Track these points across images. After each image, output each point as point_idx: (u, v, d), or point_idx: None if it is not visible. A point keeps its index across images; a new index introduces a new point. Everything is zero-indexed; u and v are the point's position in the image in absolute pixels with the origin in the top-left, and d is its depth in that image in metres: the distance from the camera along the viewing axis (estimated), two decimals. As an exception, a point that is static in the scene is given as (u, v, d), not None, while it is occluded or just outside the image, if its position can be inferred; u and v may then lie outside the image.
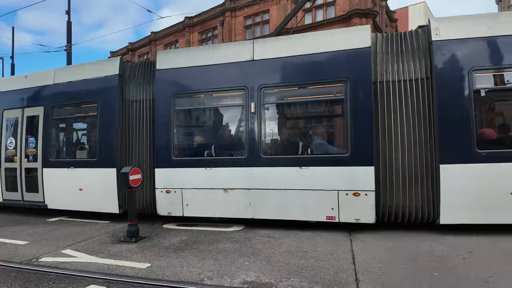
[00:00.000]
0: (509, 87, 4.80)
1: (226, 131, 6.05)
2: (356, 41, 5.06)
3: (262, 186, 5.30)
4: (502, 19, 4.89)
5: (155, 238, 5.02)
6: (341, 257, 3.94)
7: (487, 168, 4.55)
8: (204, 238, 4.92)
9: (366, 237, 4.71)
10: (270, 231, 5.14)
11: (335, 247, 4.31)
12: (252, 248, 4.36)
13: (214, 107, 6.18)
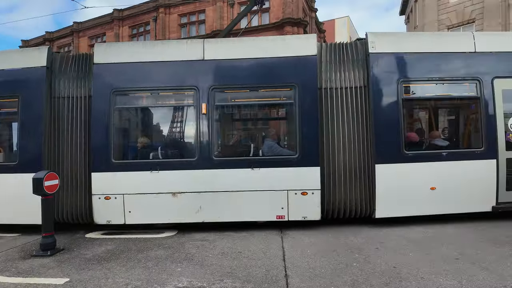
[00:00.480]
0: (429, 96, 5.78)
1: (175, 132, 5.80)
2: (304, 48, 5.37)
3: (213, 189, 5.23)
4: (424, 38, 5.77)
5: (76, 250, 4.57)
6: (273, 254, 4.12)
7: (412, 167, 5.27)
8: (133, 246, 4.64)
9: (296, 234, 4.99)
10: (205, 234, 5.10)
11: (267, 246, 4.47)
12: (185, 253, 4.27)
13: (161, 107, 5.85)
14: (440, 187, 5.27)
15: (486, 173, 5.35)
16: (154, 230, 5.45)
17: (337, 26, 35.43)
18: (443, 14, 18.11)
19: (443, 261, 3.73)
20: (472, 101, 5.62)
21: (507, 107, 5.46)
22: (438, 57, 5.42)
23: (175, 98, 5.78)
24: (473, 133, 5.73)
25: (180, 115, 5.74)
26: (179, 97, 5.72)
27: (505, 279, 3.22)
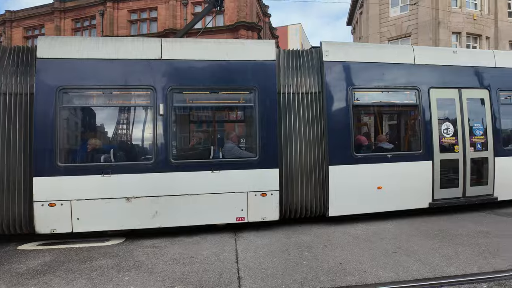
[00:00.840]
0: (375, 103, 6.22)
1: (129, 133, 5.47)
2: (264, 53, 5.47)
3: (171, 193, 5.04)
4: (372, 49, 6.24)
5: (6, 264, 4.10)
6: (226, 257, 4.11)
7: (361, 168, 5.65)
8: (75, 257, 4.30)
9: (249, 236, 5.04)
10: (155, 241, 4.91)
11: (220, 249, 4.45)
12: (133, 261, 4.08)
13: (115, 106, 5.43)
14: (386, 187, 5.72)
15: (424, 173, 5.94)
16: (99, 238, 5.10)
17: (290, 33, 36.62)
18: (384, 27, 19.70)
19: (383, 255, 4.05)
20: (412, 108, 6.20)
21: (441, 114, 6.14)
22: (383, 67, 5.92)
23: (130, 98, 5.48)
24: (413, 137, 6.32)
25: (135, 116, 5.47)
26: (134, 97, 5.44)
27: (435, 268, 3.59)
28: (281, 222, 5.54)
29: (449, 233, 4.95)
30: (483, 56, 6.62)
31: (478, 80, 6.38)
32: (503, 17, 19.38)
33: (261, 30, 21.39)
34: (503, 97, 6.52)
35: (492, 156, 6.26)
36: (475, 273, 3.44)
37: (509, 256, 3.89)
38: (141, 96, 5.36)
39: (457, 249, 4.21)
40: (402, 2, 19.24)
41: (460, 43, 18.40)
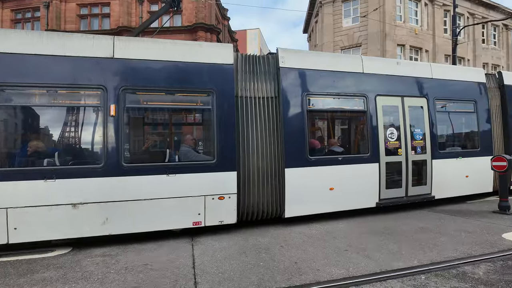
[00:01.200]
0: (328, 108, 6.52)
1: (77, 135, 5.05)
2: (222, 56, 5.45)
3: (123, 198, 4.77)
4: (325, 57, 6.50)
5: None
6: (182, 263, 4.02)
7: (315, 171, 5.88)
8: (13, 270, 3.91)
9: (207, 240, 4.99)
10: (106, 249, 4.64)
11: (176, 255, 4.34)
12: (81, 272, 3.82)
13: (60, 106, 4.99)
14: (337, 188, 6.03)
15: (372, 175, 6.37)
16: (41, 249, 4.69)
17: (249, 37, 37.01)
18: (337, 36, 20.79)
19: (335, 253, 4.26)
20: (361, 114, 6.61)
21: (386, 120, 6.64)
22: (335, 75, 6.25)
23: (78, 97, 5.11)
24: (362, 141, 6.73)
25: (84, 117, 5.11)
26: (83, 97, 5.09)
27: (381, 264, 3.86)
28: (239, 225, 5.57)
29: (394, 230, 5.35)
30: (422, 68, 7.31)
31: (418, 89, 7.02)
32: (439, 33, 21.52)
33: (220, 33, 21.34)
34: (439, 105, 7.24)
35: (430, 159, 6.91)
36: (416, 266, 3.76)
37: (443, 249, 4.32)
38: (91, 96, 5.05)
39: (401, 244, 4.57)
40: (354, 13, 20.48)
41: (404, 55, 20.06)
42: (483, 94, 7.81)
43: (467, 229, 5.26)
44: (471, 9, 23.48)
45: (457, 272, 3.54)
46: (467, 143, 7.75)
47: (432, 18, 21.40)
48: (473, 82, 7.75)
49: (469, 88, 7.66)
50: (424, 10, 21.24)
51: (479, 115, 7.66)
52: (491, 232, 5.04)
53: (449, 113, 7.49)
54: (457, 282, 3.29)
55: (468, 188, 7.53)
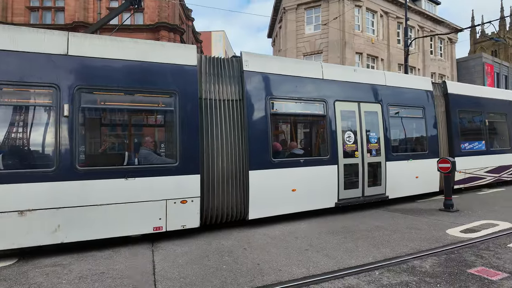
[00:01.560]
0: (291, 112, 6.68)
1: (26, 137, 4.63)
2: (185, 57, 5.36)
3: (77, 203, 4.48)
4: (288, 63, 6.64)
5: None
6: (142, 270, 3.89)
7: (278, 173, 6.00)
8: None
9: (168, 245, 4.86)
10: (58, 259, 4.34)
11: (135, 262, 4.18)
12: (28, 284, 3.53)
13: (6, 105, 4.54)
14: (299, 189, 6.20)
15: (331, 176, 6.63)
16: (-19, 261, 4.27)
17: (214, 39, 36.76)
18: (300, 42, 21.40)
19: (297, 253, 4.37)
20: (321, 118, 6.86)
21: (344, 124, 6.96)
22: (297, 80, 6.45)
23: (28, 96, 4.71)
24: (322, 144, 6.98)
25: (34, 117, 4.72)
26: (33, 95, 4.70)
27: (339, 261, 4.04)
28: (203, 229, 5.51)
29: (351, 229, 5.62)
30: (377, 75, 7.78)
31: (373, 96, 7.46)
32: (393, 43, 23.03)
33: (183, 33, 20.98)
34: (392, 111, 7.75)
35: (384, 161, 7.36)
36: (371, 262, 3.98)
37: (396, 246, 4.62)
38: (42, 95, 4.71)
39: (358, 242, 4.81)
40: (316, 21, 21.23)
41: (362, 63, 21.16)
42: (430, 101, 8.50)
43: (416, 226, 5.66)
44: (420, 23, 25.45)
45: (407, 267, 3.80)
46: (417, 146, 8.37)
47: (387, 29, 22.86)
48: (421, 90, 8.41)
49: (418, 96, 8.30)
50: (380, 21, 22.63)
51: (427, 120, 8.32)
52: (437, 229, 5.49)
53: (401, 118, 8.05)
54: (407, 276, 3.54)
55: (418, 188, 8.13)
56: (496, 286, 3.22)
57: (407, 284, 3.32)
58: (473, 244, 4.57)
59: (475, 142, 9.60)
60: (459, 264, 3.82)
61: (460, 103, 9.27)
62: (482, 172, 9.67)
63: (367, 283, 3.37)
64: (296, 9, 21.46)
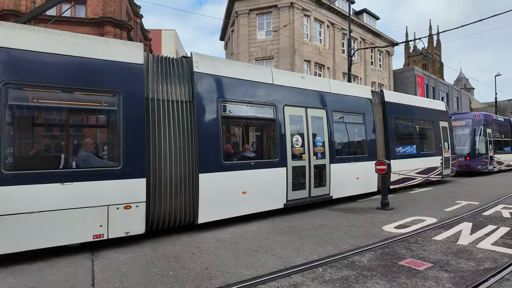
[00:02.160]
0: (242, 115, 6.73)
1: None
2: (131, 55, 5.09)
3: (3, 211, 3.99)
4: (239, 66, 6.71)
5: None
6: (79, 282, 3.60)
7: (229, 175, 5.98)
8: None
9: (111, 254, 4.57)
10: (-24, 275, 3.82)
11: (72, 273, 3.86)
12: None
13: None
14: (249, 191, 6.27)
15: (280, 178, 6.82)
16: None
17: (164, 38, 35.60)
18: (252, 47, 21.73)
19: (246, 255, 4.42)
20: (271, 122, 7.03)
21: (292, 128, 7.22)
22: (248, 84, 6.54)
23: None
24: (272, 147, 7.15)
25: None
26: None
27: (286, 261, 4.17)
28: (149, 235, 5.29)
29: (298, 228, 5.84)
30: (322, 83, 8.24)
31: (319, 102, 7.87)
32: (338, 53, 24.52)
33: (131, 30, 20.00)
34: (335, 117, 8.25)
35: (328, 163, 7.79)
36: (315, 259, 4.18)
37: (338, 243, 4.91)
38: None
39: (304, 241, 5.01)
40: (267, 27, 21.75)
41: (310, 70, 22.17)
42: (370, 108, 9.23)
43: (357, 224, 6.08)
44: (363, 35, 27.49)
45: (348, 262, 4.07)
46: (357, 149, 9.01)
47: (333, 39, 24.28)
48: (362, 98, 9.10)
49: (359, 103, 8.96)
50: (327, 31, 23.96)
51: (367, 126, 9.01)
52: (375, 225, 5.95)
53: (344, 123, 8.61)
54: (347, 270, 3.78)
55: (359, 188, 8.75)
56: (422, 275, 3.59)
57: (347, 278, 3.55)
58: (404, 239, 5.05)
59: (407, 146, 10.63)
60: (392, 257, 4.19)
61: (395, 110, 10.20)
62: (413, 173, 10.73)
63: (311, 279, 3.53)
64: (248, 14, 21.77)
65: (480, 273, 3.60)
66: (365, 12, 28.79)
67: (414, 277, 3.55)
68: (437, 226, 5.80)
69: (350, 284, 3.39)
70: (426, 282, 3.40)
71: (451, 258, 4.13)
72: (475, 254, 4.25)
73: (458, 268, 3.76)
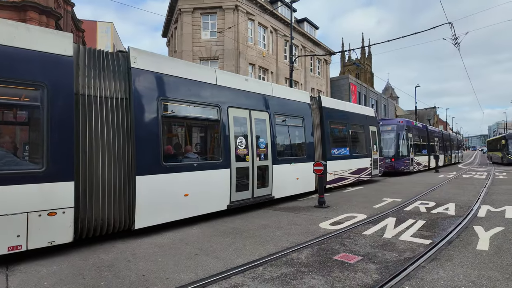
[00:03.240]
0: (184, 115, 6.57)
1: None
2: (58, 46, 4.57)
3: None
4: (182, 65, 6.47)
5: None
6: (-11, 302, 3.13)
7: (170, 177, 5.72)
8: None
9: (30, 267, 4.05)
10: None
11: (-20, 292, 3.35)
12: None
13: None
14: (192, 194, 6.10)
15: (224, 180, 6.78)
16: None
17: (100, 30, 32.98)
18: (196, 46, 21.35)
19: (186, 259, 4.29)
20: (215, 123, 6.97)
21: (236, 130, 7.24)
22: (191, 83, 6.38)
23: None
24: (216, 148, 7.08)
25: None
26: None
27: (228, 262, 4.15)
28: (78, 243, 4.83)
29: (241, 229, 5.87)
30: (265, 86, 8.45)
31: (262, 104, 8.05)
32: (281, 59, 25.40)
33: (60, 19, 18.15)
34: (277, 119, 8.52)
35: (271, 164, 8.00)
36: (256, 259, 4.24)
37: (278, 241, 5.06)
38: None
39: (246, 242, 5.06)
40: (212, 27, 21.57)
41: (254, 73, 22.56)
42: (309, 112, 9.73)
43: (296, 222, 6.34)
44: (303, 43, 28.90)
45: (287, 260, 4.21)
46: (297, 151, 9.43)
47: (276, 45, 25.07)
48: (302, 102, 9.55)
49: (299, 107, 9.39)
50: (270, 36, 24.66)
51: (306, 129, 9.49)
52: (312, 223, 6.27)
53: (285, 126, 8.93)
54: (286, 268, 3.91)
55: (299, 188, 9.15)
56: (353, 268, 3.88)
57: (286, 275, 3.67)
58: (338, 234, 5.41)
59: (342, 148, 11.45)
60: (327, 253, 4.46)
61: (331, 115, 10.92)
62: (347, 173, 11.59)
63: (252, 279, 3.57)
64: (192, 12, 21.36)
65: (401, 262, 4.02)
66: (306, 21, 30.33)
67: (346, 270, 3.82)
68: (367, 221, 6.34)
69: (289, 281, 3.52)
70: (356, 274, 3.68)
71: (378, 250, 4.54)
72: (398, 246, 4.73)
73: (384, 260, 4.15)
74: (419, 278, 3.51)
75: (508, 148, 25.31)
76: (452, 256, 4.23)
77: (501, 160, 27.66)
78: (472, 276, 3.55)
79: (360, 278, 3.55)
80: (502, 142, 26.40)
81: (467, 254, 4.28)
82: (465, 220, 6.22)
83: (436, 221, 6.30)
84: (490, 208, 7.49)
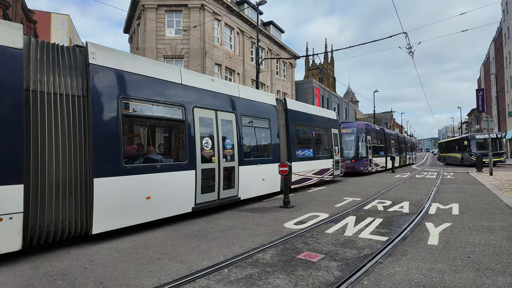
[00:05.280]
0: (147, 115, 6.29)
1: None
2: (5, 37, 4.19)
3: None
4: (145, 62, 6.24)
5: None
6: None
7: (131, 179, 5.48)
8: None
9: (-31, 280, 3.68)
10: None
11: None
12: None
13: None
14: (154, 196, 5.90)
15: (188, 181, 6.64)
16: None
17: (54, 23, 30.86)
18: (160, 44, 20.76)
19: (148, 264, 4.14)
20: (180, 123, 6.80)
21: (202, 130, 7.13)
22: (154, 82, 6.17)
23: None
24: (180, 149, 6.91)
25: None
26: None
27: (192, 265, 4.07)
28: (28, 251, 4.47)
29: (206, 231, 5.79)
30: (232, 87, 8.43)
31: (229, 105, 8.02)
32: (248, 60, 25.51)
33: (8, 8, 16.73)
34: (244, 121, 8.54)
35: (237, 165, 8.00)
36: (221, 261, 4.20)
37: (244, 242, 5.06)
38: None
39: (211, 244, 4.99)
40: (177, 25, 21.11)
41: (220, 74, 22.43)
42: (274, 114, 9.88)
43: (261, 223, 6.39)
44: (269, 46, 29.28)
45: (252, 260, 4.22)
46: (263, 152, 9.52)
47: (242, 46, 25.13)
48: (268, 104, 9.67)
49: (265, 109, 9.49)
50: (237, 37, 24.67)
51: (272, 130, 9.61)
52: (277, 223, 6.36)
53: (251, 127, 8.99)
54: (251, 269, 3.93)
55: (265, 189, 9.23)
56: (316, 266, 3.99)
57: (251, 276, 3.68)
58: (302, 234, 5.53)
59: (306, 149, 11.75)
60: (291, 252, 4.54)
61: (296, 117, 11.18)
62: (310, 174, 11.92)
63: (217, 282, 3.54)
64: (156, 9, 20.76)
65: (361, 259, 4.21)
66: (272, 24, 30.78)
67: (310, 268, 3.92)
68: (329, 220, 6.56)
69: (254, 281, 3.53)
70: (319, 272, 3.79)
71: (339, 248, 4.72)
72: (357, 243, 4.95)
73: (344, 257, 4.32)
74: (377, 274, 3.69)
75: (471, 148, 25.66)
76: (406, 251, 4.51)
77: (460, 162, 27.91)
78: (423, 269, 3.81)
79: (323, 276, 3.66)
80: (465, 143, 26.62)
81: (419, 249, 4.59)
82: (418, 218, 6.67)
83: (392, 218, 6.69)
84: (439, 205, 8.10)
